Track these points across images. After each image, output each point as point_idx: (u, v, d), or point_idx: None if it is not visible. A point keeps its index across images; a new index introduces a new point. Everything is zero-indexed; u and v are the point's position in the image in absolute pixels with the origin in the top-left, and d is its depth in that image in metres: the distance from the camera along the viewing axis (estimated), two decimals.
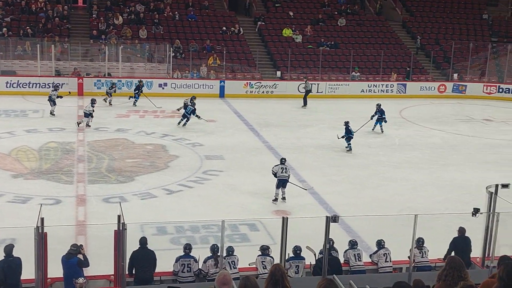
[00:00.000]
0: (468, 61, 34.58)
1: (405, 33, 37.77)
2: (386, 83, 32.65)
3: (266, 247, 11.17)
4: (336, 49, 34.58)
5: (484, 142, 23.65)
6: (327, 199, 16.44)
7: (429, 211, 15.31)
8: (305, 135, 23.79)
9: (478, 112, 29.50)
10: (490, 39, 37.09)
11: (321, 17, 36.64)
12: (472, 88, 33.36)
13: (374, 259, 11.73)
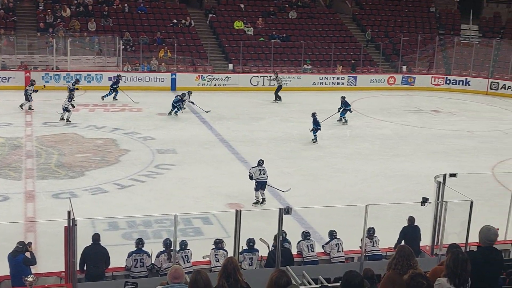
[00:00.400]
0: (416, 53, 35.21)
1: (355, 26, 38.19)
2: (337, 75, 32.97)
3: (219, 241, 11.16)
4: (287, 41, 34.71)
5: (433, 133, 24.16)
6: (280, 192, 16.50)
7: (380, 201, 15.57)
8: (257, 127, 23.83)
9: (427, 104, 30.10)
10: (437, 31, 37.85)
11: (272, 10, 36.70)
12: (420, 80, 34.02)
13: (326, 249, 11.87)
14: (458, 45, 35.92)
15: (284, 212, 9.58)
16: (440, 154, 21.16)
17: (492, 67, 34.77)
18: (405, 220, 12.36)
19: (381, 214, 13.69)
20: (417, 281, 4.75)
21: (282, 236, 10.20)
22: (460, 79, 34.17)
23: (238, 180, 17.52)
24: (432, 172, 13.76)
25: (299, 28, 36.16)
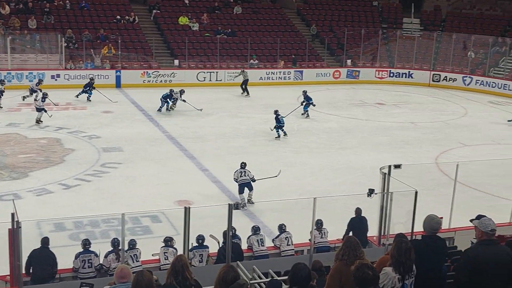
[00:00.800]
0: (360, 47, 35.74)
1: (300, 20, 38.46)
2: (283, 70, 33.15)
3: (169, 239, 11.09)
4: (233, 37, 34.67)
5: (377, 125, 24.60)
6: (229, 187, 16.50)
7: (328, 193, 15.74)
8: (205, 123, 23.74)
9: (371, 97, 30.60)
10: (380, 25, 38.52)
11: (217, 5, 36.58)
12: (365, 73, 34.58)
13: (276, 243, 11.95)
14: (400, 38, 36.65)
15: (233, 208, 9.58)
16: (384, 146, 21.56)
17: (434, 60, 35.65)
18: (352, 212, 12.56)
19: (329, 206, 13.87)
20: (363, 271, 4.82)
21: (232, 231, 10.21)
22: (403, 72, 34.89)
23: (187, 177, 17.47)
24: (377, 163, 13.99)
25: (244, 23, 36.19)
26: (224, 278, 5.21)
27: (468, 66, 34.34)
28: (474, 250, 5.85)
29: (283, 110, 25.12)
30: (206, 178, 17.35)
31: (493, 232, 5.71)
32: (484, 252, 5.66)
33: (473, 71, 34.23)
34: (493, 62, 34.63)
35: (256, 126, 23.41)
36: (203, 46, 33.48)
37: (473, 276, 5.61)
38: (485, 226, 5.72)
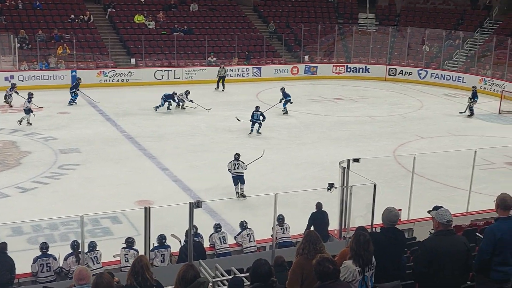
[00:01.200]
0: (317, 43, 35.99)
1: (257, 17, 38.50)
2: (242, 67, 33.13)
3: (130, 240, 10.97)
4: (190, 34, 34.49)
5: (336, 120, 24.81)
6: (190, 185, 16.44)
7: (289, 189, 15.84)
8: (164, 122, 23.56)
9: (329, 92, 30.84)
10: (336, 21, 38.83)
11: (173, 3, 36.29)
12: (322, 69, 34.82)
13: (238, 240, 11.95)
14: (356, 33, 37.03)
15: (194, 206, 9.54)
16: (343, 140, 21.77)
17: (390, 54, 36.15)
18: (313, 206, 12.64)
19: (290, 201, 13.95)
20: (323, 265, 4.85)
21: (193, 230, 10.16)
22: (360, 67, 35.27)
23: (147, 176, 17.32)
24: (336, 158, 14.11)
25: (201, 20, 36.02)
26: (184, 277, 5.19)
27: (423, 60, 34.94)
28: (431, 241, 5.95)
29: (242, 107, 25.18)
30: (166, 177, 17.24)
31: (450, 223, 5.82)
32: (441, 243, 5.77)
33: (428, 64, 34.85)
34: (447, 55, 35.32)
35: (216, 124, 23.36)
36: (160, 44, 33.21)
37: (430, 266, 5.72)
38: (441, 217, 5.82)
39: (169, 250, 10.99)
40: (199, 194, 15.53)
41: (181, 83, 30.66)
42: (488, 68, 32.66)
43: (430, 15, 39.28)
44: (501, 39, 33.40)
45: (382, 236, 6.37)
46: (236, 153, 16.15)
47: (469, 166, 14.32)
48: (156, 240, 10.86)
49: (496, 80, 31.18)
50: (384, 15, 39.91)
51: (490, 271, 6.17)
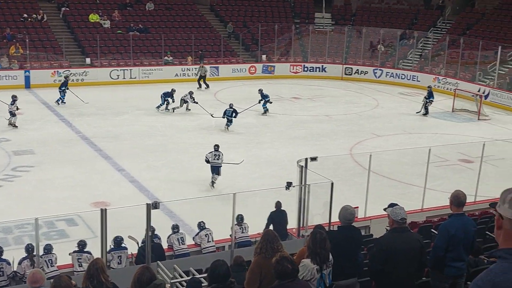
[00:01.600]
0: (274, 42, 36.10)
1: (214, 16, 38.39)
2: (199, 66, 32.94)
3: (82, 243, 10.78)
4: (146, 33, 34.16)
5: (294, 119, 24.93)
6: (147, 186, 16.28)
7: (248, 188, 15.82)
8: (121, 122, 23.26)
9: (287, 91, 30.95)
10: (293, 20, 39.03)
11: (128, 2, 35.86)
12: (280, 68, 34.95)
13: (197, 240, 11.89)
14: (313, 33, 37.28)
15: (152, 207, 9.43)
16: (301, 139, 21.89)
17: (346, 53, 36.53)
18: (272, 205, 12.67)
19: (249, 201, 13.94)
20: (282, 264, 4.86)
21: (151, 231, 10.05)
22: (316, 66, 35.53)
23: (103, 177, 17.08)
24: (295, 156, 14.20)
25: (157, 19, 35.72)
26: (139, 279, 5.14)
27: (378, 59, 35.43)
28: (386, 239, 6.03)
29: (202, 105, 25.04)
30: (123, 178, 17.03)
31: (403, 221, 5.90)
32: (395, 240, 5.84)
33: (383, 63, 35.35)
34: (401, 54, 35.89)
35: (174, 123, 23.20)
36: (115, 43, 32.79)
37: (385, 263, 5.79)
38: (395, 215, 5.90)
39: (126, 252, 10.85)
40: (157, 194, 15.38)
41: (137, 82, 30.38)
42: (442, 67, 33.34)
43: (385, 15, 39.87)
44: (453, 38, 34.14)
45: (339, 234, 6.43)
46: (216, 144, 16.78)
47: (424, 164, 14.58)
48: (112, 242, 10.71)
49: (449, 79, 31.84)
50: (340, 14, 40.30)
51: (444, 267, 6.29)
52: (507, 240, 2.64)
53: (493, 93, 29.41)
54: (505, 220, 2.65)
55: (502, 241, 2.68)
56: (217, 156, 16.42)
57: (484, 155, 15.40)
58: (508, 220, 2.63)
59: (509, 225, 2.63)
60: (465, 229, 6.24)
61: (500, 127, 25.00)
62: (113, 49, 32.34)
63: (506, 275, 2.54)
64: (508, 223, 2.63)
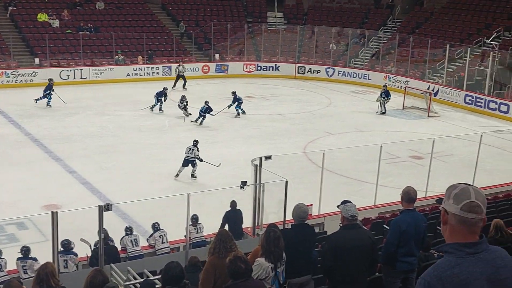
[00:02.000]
0: (227, 41, 36.06)
1: (166, 15, 38.08)
2: (151, 66, 32.68)
3: (25, 249, 10.50)
4: (97, 33, 33.62)
5: (248, 118, 24.95)
6: (99, 188, 16.03)
7: (202, 188, 15.78)
8: (71, 123, 22.82)
9: (241, 90, 30.67)
10: (246, 19, 39.05)
11: (78, 1, 35.22)
12: (233, 67, 34.92)
13: (150, 242, 11.77)
14: (266, 32, 37.40)
15: (104, 209, 9.29)
16: (255, 138, 21.93)
17: (298, 52, 36.78)
18: (227, 205, 12.65)
19: (204, 201, 13.88)
20: (235, 264, 4.84)
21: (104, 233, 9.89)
22: (270, 65, 35.64)
23: (54, 180, 16.74)
24: (249, 156, 14.19)
25: (108, 18, 35.21)
26: (92, 282, 5.07)
27: (331, 58, 35.78)
28: (337, 235, 6.09)
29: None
30: (74, 180, 16.72)
31: (353, 218, 5.96)
32: (346, 237, 5.90)
33: (335, 62, 35.72)
34: (353, 53, 36.36)
35: (125, 124, 22.92)
36: (65, 43, 32.17)
37: (337, 260, 5.84)
38: (346, 212, 5.96)
39: (73, 257, 10.60)
40: (109, 196, 15.15)
41: (88, 82, 29.88)
42: (392, 65, 33.91)
43: (336, 14, 40.30)
44: (403, 37, 34.77)
45: (293, 232, 6.45)
46: (195, 139, 17.73)
47: (375, 161, 14.79)
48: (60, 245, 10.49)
49: (399, 77, 32.41)
50: (292, 14, 40.53)
51: (396, 262, 6.38)
52: (453, 235, 2.71)
53: (442, 90, 30.09)
54: (450, 216, 2.71)
55: (448, 236, 2.74)
56: (191, 151, 17.10)
57: (434, 152, 15.75)
58: (453, 215, 2.69)
59: (454, 220, 2.69)
60: (416, 224, 6.35)
61: (449, 124, 25.59)
62: (62, 49, 31.73)
63: (452, 269, 2.60)
64: (453, 218, 2.69)
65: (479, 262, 2.63)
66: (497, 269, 2.64)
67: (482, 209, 2.68)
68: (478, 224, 2.68)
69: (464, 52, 31.16)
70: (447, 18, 36.51)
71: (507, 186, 16.29)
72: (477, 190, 2.70)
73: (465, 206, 2.66)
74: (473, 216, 2.66)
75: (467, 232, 2.68)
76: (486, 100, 28.09)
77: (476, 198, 2.67)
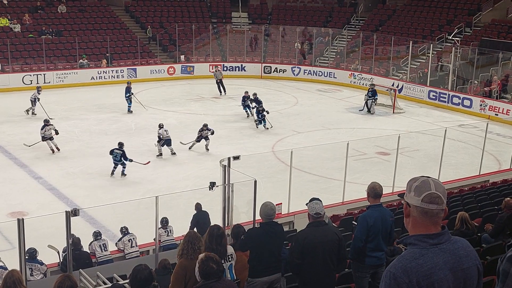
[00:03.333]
0: (192, 42, 35.92)
1: (129, 17, 37.77)
2: (116, 68, 32.37)
3: None
4: (59, 37, 33.16)
5: (215, 119, 24.88)
6: (66, 193, 15.82)
7: (171, 190, 15.67)
8: (35, 129, 22.33)
9: (207, 91, 30.86)
10: (210, 20, 38.96)
11: (39, 5, 34.70)
12: (199, 68, 34.79)
13: (120, 246, 11.67)
14: (231, 32, 37.38)
15: (71, 215, 9.17)
16: (224, 138, 21.88)
17: (264, 52, 36.84)
18: None
19: (173, 203, 13.81)
20: (207, 265, 4.84)
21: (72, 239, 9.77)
22: (236, 65, 35.63)
23: (19, 186, 16.48)
24: (218, 156, 14.18)
25: (70, 22, 34.73)
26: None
27: (296, 57, 35.95)
28: (304, 233, 6.13)
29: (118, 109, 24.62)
30: (40, 186, 16.47)
31: (318, 216, 6.01)
32: (312, 234, 5.95)
33: (300, 61, 35.90)
34: (318, 52, 36.59)
35: (91, 128, 22.66)
36: (27, 48, 31.64)
37: (304, 257, 5.88)
38: (311, 209, 6.01)
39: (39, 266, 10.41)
40: (76, 201, 14.97)
41: (51, 87, 29.44)
42: (357, 63, 34.23)
43: (300, 13, 40.48)
44: (367, 35, 35.13)
45: (261, 230, 6.47)
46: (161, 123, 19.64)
47: (343, 158, 14.91)
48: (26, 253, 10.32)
49: (364, 74, 32.74)
50: (256, 13, 40.60)
51: (365, 257, 6.45)
52: (416, 227, 2.77)
53: (406, 86, 30.50)
54: (412, 208, 2.77)
55: (411, 228, 2.80)
56: (167, 132, 19.27)
57: (400, 147, 15.95)
58: (415, 207, 2.75)
59: (416, 213, 2.75)
60: (383, 219, 6.43)
61: (414, 119, 25.95)
62: (24, 53, 31.22)
63: (417, 260, 2.65)
64: (415, 211, 2.75)
65: (442, 252, 2.69)
66: (459, 259, 2.71)
67: (443, 200, 2.74)
68: (440, 215, 2.74)
69: (427, 49, 31.64)
70: (409, 15, 37.01)
71: (472, 179, 16.60)
72: (437, 182, 2.76)
73: (426, 198, 2.72)
74: (434, 207, 2.72)
75: (430, 223, 2.73)
76: (450, 96, 28.56)
77: (436, 189, 2.73)
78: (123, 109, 24.76)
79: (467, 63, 30.00)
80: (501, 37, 30.63)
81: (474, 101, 27.42)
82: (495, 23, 32.43)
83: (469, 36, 32.37)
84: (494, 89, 27.38)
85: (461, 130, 22.85)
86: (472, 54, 29.55)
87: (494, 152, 20.03)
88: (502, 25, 32.04)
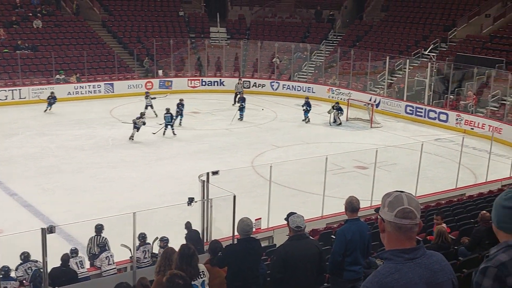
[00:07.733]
0: (170, 57, 35.87)
1: (106, 32, 37.62)
2: (93, 83, 32.16)
3: None
4: (35, 52, 32.90)
5: (194, 134, 24.83)
6: (42, 210, 15.60)
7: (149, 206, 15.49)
8: (11, 144, 22.19)
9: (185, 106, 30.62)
10: (188, 35, 38.95)
11: (14, 19, 34.39)
12: (177, 83, 34.70)
13: (97, 264, 11.51)
14: (209, 47, 37.44)
15: (47, 232, 9.04)
16: (203, 153, 21.82)
17: (243, 67, 36.92)
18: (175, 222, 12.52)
19: (151, 219, 13.67)
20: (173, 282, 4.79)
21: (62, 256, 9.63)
22: (214, 80, 35.64)
23: None
24: (196, 171, 14.10)
25: (46, 37, 34.49)
26: None
27: (275, 72, 36.06)
28: (285, 247, 6.10)
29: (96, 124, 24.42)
30: (15, 203, 16.23)
31: (299, 229, 5.99)
32: (293, 248, 5.93)
33: (279, 76, 36.03)
34: (296, 67, 36.77)
35: (67, 143, 22.43)
36: (2, 63, 31.34)
37: (286, 271, 5.85)
38: (292, 223, 5.99)
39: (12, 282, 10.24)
40: (52, 218, 14.77)
41: (27, 102, 29.16)
42: (335, 78, 34.45)
43: (278, 29, 40.71)
44: (344, 50, 35.41)
45: (239, 246, 6.42)
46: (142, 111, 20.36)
47: (322, 172, 14.93)
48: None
49: (342, 89, 32.95)
50: (235, 29, 40.72)
51: (343, 271, 6.44)
52: (391, 242, 2.77)
53: (383, 101, 30.75)
54: (386, 223, 2.77)
55: (386, 243, 2.80)
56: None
57: (378, 161, 16.03)
58: (389, 222, 2.75)
59: (390, 227, 2.75)
60: (361, 233, 6.43)
61: (391, 134, 26.14)
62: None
63: (392, 275, 2.65)
64: (389, 226, 2.75)
65: (418, 267, 2.69)
66: (434, 273, 2.72)
67: (416, 215, 2.74)
68: (414, 229, 2.74)
69: (403, 64, 31.96)
70: (386, 31, 37.41)
71: (449, 193, 16.73)
72: (410, 197, 2.76)
73: (399, 213, 2.72)
74: (407, 221, 2.72)
75: (404, 238, 2.74)
76: (426, 110, 28.84)
77: (409, 204, 2.74)
78: (102, 124, 24.56)
79: (442, 77, 30.34)
80: (476, 52, 31.07)
81: (450, 116, 27.72)
82: (470, 39, 32.93)
83: (445, 51, 32.80)
84: (469, 103, 27.70)
85: (438, 144, 23.06)
86: (448, 69, 29.91)
87: (470, 165, 20.23)
88: (477, 40, 32.54)
